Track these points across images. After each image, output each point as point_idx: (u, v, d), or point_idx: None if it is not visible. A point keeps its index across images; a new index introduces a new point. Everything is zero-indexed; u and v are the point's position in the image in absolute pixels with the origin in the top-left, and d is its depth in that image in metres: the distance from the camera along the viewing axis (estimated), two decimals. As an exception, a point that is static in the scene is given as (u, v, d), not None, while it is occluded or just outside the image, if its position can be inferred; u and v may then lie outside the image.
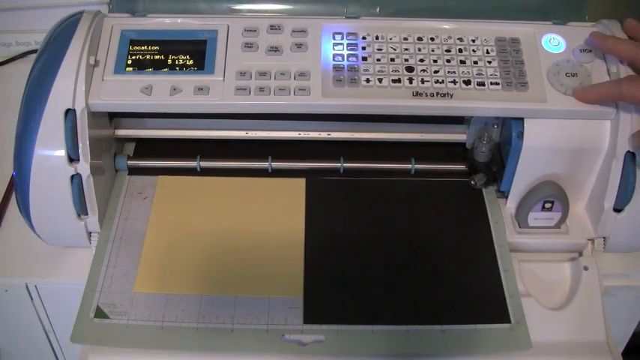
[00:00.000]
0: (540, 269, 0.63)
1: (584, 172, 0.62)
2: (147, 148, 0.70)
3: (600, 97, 0.58)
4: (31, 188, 0.58)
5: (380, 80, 0.60)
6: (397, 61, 0.61)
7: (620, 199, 0.60)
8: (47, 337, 0.70)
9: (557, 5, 0.68)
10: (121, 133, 0.67)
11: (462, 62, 0.61)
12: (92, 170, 0.59)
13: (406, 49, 0.62)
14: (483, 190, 0.66)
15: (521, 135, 0.60)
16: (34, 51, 0.85)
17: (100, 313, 0.56)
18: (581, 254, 0.64)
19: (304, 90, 0.59)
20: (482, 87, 0.60)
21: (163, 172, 0.67)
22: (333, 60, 0.61)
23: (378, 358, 0.56)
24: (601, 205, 0.61)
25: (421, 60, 0.61)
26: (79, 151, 0.58)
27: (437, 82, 0.60)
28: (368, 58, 0.61)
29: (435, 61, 0.61)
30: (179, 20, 0.63)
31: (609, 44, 0.59)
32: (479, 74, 0.60)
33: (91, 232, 0.62)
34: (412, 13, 0.68)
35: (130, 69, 0.60)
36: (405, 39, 0.62)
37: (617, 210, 0.61)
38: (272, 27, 0.62)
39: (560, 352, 0.58)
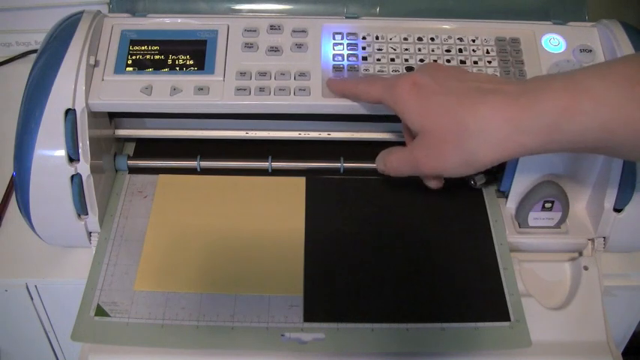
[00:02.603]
0: (540, 269, 0.63)
1: (584, 172, 0.62)
2: (147, 148, 0.70)
3: (343, 92, 0.58)
4: (31, 188, 0.58)
5: (380, 80, 0.60)
6: (397, 61, 0.61)
7: (620, 199, 0.60)
8: (47, 337, 0.70)
9: (557, 5, 0.68)
10: (121, 133, 0.67)
11: (462, 62, 0.61)
12: (92, 170, 0.59)
13: (406, 49, 0.62)
14: (483, 190, 0.66)
15: (521, 135, 0.60)
16: (34, 51, 0.85)
17: (100, 312, 0.56)
18: (581, 254, 0.64)
19: (304, 90, 0.59)
20: (482, 87, 0.60)
21: (163, 172, 0.67)
22: (333, 60, 0.61)
23: (378, 356, 0.56)
24: (601, 205, 0.61)
25: (421, 60, 0.61)
26: (79, 151, 0.58)
27: (437, 81, 0.60)
28: (368, 58, 0.61)
29: (435, 61, 0.61)
30: (179, 20, 0.63)
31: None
32: (479, 74, 0.60)
33: (91, 232, 0.62)
34: (412, 13, 0.68)
35: (130, 69, 0.60)
36: (405, 39, 0.62)
37: (617, 210, 0.61)
38: (272, 27, 0.62)
39: (560, 352, 0.58)
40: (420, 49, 0.62)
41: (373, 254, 0.61)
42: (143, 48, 0.62)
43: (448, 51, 0.62)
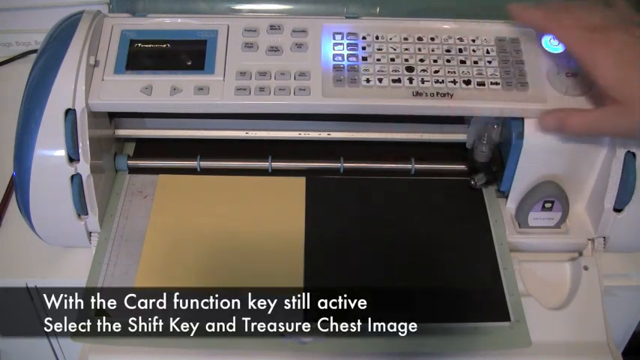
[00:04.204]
0: (540, 269, 0.63)
1: (584, 172, 0.62)
2: (147, 148, 0.70)
3: (531, 20, 0.59)
4: (31, 188, 0.58)
5: (380, 80, 0.60)
6: (397, 61, 0.61)
7: (620, 199, 0.60)
8: (47, 337, 0.70)
9: (557, 5, 0.68)
10: (121, 133, 0.67)
11: (462, 62, 0.61)
12: (92, 170, 0.59)
13: (406, 49, 0.62)
14: (483, 190, 0.66)
15: (521, 135, 0.60)
16: (34, 51, 0.85)
17: (100, 312, 0.56)
18: (581, 254, 0.64)
19: (304, 90, 0.59)
20: (482, 87, 0.60)
21: (163, 172, 0.67)
22: (333, 60, 0.61)
23: (378, 356, 0.56)
24: (601, 205, 0.61)
25: (421, 60, 0.61)
26: (79, 151, 0.58)
27: (437, 82, 0.60)
28: (368, 58, 0.61)
29: (435, 61, 0.61)
30: (179, 20, 0.63)
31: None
32: (479, 74, 0.60)
33: (91, 232, 0.62)
34: (412, 13, 0.68)
35: (130, 69, 0.60)
36: (405, 39, 0.62)
37: (617, 210, 0.61)
38: (272, 27, 0.62)
39: (560, 352, 0.58)
40: (420, 49, 0.62)
41: (373, 254, 0.61)
42: (143, 48, 0.62)
43: (448, 51, 0.62)
